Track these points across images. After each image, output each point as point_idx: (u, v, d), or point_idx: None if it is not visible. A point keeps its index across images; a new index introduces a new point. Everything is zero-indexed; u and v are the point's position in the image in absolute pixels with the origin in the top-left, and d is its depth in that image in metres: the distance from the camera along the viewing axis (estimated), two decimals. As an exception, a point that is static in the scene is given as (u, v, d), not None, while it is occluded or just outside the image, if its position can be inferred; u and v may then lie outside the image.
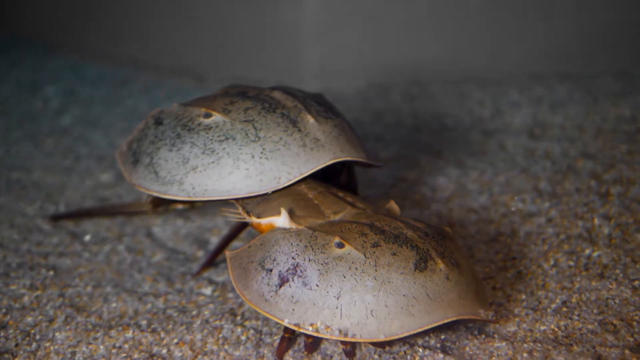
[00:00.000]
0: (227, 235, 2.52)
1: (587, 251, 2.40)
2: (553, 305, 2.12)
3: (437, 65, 4.41)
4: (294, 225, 1.98)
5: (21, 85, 4.87)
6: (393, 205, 2.20)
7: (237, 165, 2.11)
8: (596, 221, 2.58)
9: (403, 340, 1.99)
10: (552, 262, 2.37)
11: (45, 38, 5.69)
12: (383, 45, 4.40)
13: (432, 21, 4.36)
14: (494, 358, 1.87)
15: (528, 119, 3.68)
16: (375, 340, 1.81)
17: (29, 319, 2.27)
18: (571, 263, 2.35)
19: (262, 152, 2.12)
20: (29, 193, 3.26)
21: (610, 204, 2.69)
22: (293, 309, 1.85)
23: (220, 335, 2.11)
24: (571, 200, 2.76)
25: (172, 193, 2.15)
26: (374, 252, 1.87)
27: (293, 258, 1.90)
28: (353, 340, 1.81)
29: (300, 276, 1.87)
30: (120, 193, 3.23)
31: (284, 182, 2.11)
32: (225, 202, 2.26)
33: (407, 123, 3.83)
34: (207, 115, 2.20)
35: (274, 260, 1.92)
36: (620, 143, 3.23)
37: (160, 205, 2.63)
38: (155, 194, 2.19)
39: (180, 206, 2.70)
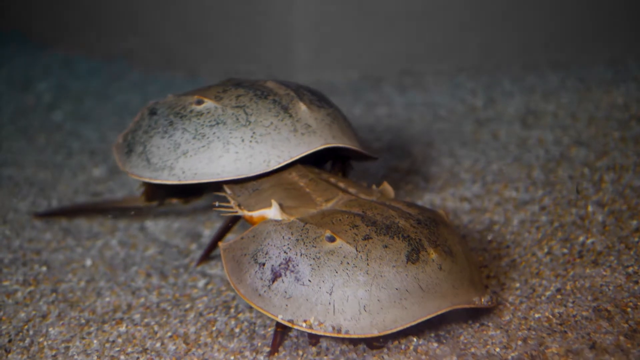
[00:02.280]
0: (223, 227, 2.50)
1: (581, 238, 2.40)
2: (547, 293, 2.11)
3: (430, 55, 4.40)
4: (285, 217, 1.96)
5: (13, 81, 4.85)
6: (387, 187, 2.19)
7: (227, 149, 2.12)
8: (590, 208, 2.58)
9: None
10: (546, 249, 2.37)
11: (37, 33, 5.66)
12: (375, 36, 4.38)
13: (425, 11, 4.35)
14: (488, 346, 1.87)
15: (521, 107, 3.67)
16: (368, 335, 1.80)
17: (22, 315, 2.26)
18: (565, 250, 2.34)
19: (252, 136, 2.13)
20: (21, 189, 3.25)
21: (604, 191, 2.69)
22: (286, 305, 1.84)
23: (214, 328, 2.11)
24: (564, 188, 2.75)
25: (163, 178, 2.16)
26: (366, 246, 1.85)
27: (285, 252, 1.88)
28: (347, 336, 1.79)
29: (292, 271, 1.85)
30: (113, 187, 3.22)
31: (274, 165, 2.12)
32: (219, 197, 2.25)
33: (399, 114, 3.82)
34: (199, 102, 2.22)
35: (266, 253, 1.91)
36: (613, 130, 3.22)
37: (154, 198, 2.62)
38: (147, 180, 2.21)
39: (174, 201, 2.69)
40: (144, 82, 4.67)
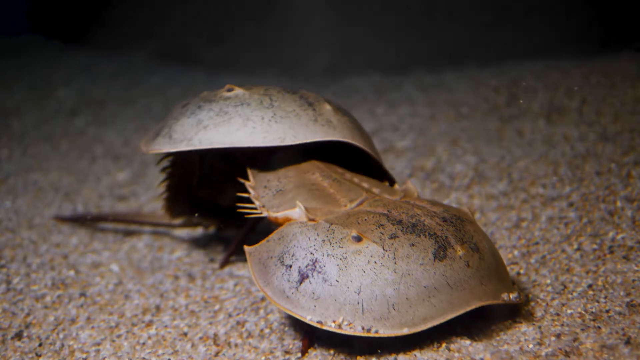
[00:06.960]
0: (246, 229, 2.50)
1: (611, 234, 2.37)
2: (579, 289, 2.09)
3: (451, 54, 4.38)
4: (310, 218, 1.95)
5: (35, 87, 4.88)
6: (409, 187, 2.17)
7: (246, 124, 2.19)
8: (619, 204, 2.55)
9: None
10: (575, 246, 2.34)
11: (58, 38, 5.69)
12: (396, 36, 4.38)
13: (445, 10, 4.34)
14: (521, 343, 1.85)
15: (545, 104, 3.65)
16: (399, 334, 1.78)
17: (51, 319, 2.26)
18: (595, 246, 2.32)
19: (272, 117, 2.20)
20: (46, 194, 3.26)
21: (632, 186, 2.66)
22: (315, 306, 1.82)
23: (244, 329, 2.10)
24: (592, 184, 2.73)
25: (180, 147, 2.23)
26: (392, 244, 1.84)
27: (311, 253, 1.87)
28: (377, 336, 1.78)
29: (319, 272, 1.84)
30: (137, 191, 3.23)
31: (288, 142, 2.17)
32: (242, 199, 2.25)
33: (422, 112, 3.80)
34: (230, 90, 2.30)
35: (292, 255, 1.90)
36: (639, 125, 3.20)
37: (175, 210, 2.63)
38: (164, 151, 2.30)
39: (197, 219, 2.69)
40: (165, 85, 4.68)
